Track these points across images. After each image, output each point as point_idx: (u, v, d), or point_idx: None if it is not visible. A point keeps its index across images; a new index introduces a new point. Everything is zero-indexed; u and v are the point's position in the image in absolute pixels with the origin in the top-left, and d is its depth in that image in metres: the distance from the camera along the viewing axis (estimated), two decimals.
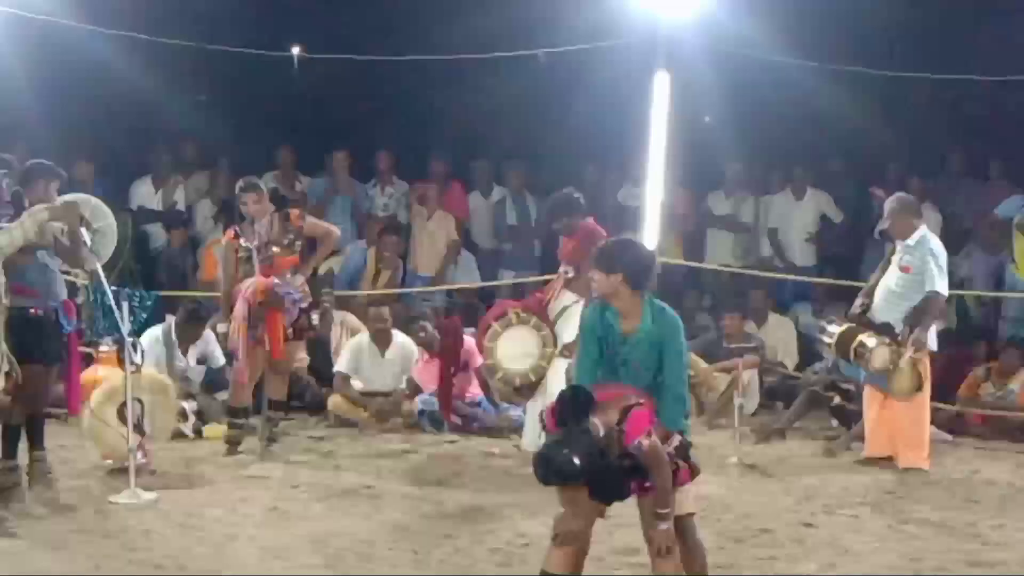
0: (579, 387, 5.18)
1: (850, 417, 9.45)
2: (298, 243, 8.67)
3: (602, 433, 4.94)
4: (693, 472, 5.30)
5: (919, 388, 8.48)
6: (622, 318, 5.37)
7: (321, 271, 10.57)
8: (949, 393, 9.96)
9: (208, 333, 9.66)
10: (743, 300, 11.17)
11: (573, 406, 5.01)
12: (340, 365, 10.04)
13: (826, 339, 8.81)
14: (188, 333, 9.68)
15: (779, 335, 11.29)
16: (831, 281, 11.66)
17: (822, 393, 9.75)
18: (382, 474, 8.16)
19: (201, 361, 9.80)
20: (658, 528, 5.12)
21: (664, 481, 5.07)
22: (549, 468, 4.90)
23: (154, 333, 9.63)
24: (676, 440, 5.21)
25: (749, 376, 9.59)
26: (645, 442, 4.98)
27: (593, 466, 4.88)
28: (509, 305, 8.75)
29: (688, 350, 9.93)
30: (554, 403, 5.18)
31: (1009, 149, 12.01)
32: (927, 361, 8.55)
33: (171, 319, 9.80)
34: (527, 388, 8.57)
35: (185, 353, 9.72)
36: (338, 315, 10.56)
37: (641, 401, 5.11)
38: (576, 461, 4.82)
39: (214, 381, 9.80)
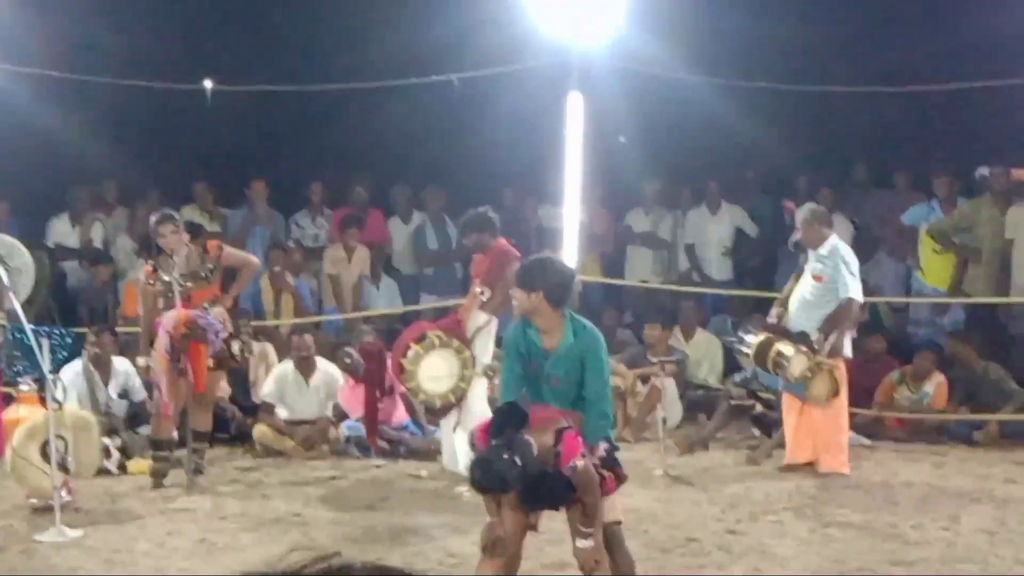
0: (513, 403, 5.25)
1: (770, 425, 9.60)
2: (216, 273, 8.66)
3: (536, 450, 5.01)
4: (619, 480, 5.39)
5: (836, 393, 8.65)
6: (544, 335, 5.46)
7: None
8: (866, 398, 10.16)
9: (128, 367, 9.57)
10: (665, 313, 11.26)
11: (510, 418, 5.07)
12: (265, 394, 10.00)
13: (744, 349, 8.96)
14: (101, 359, 9.56)
15: (705, 350, 11.41)
16: (748, 293, 11.82)
17: (743, 403, 9.88)
18: (310, 501, 8.15)
19: (123, 395, 9.70)
20: (581, 545, 5.19)
21: (593, 500, 5.14)
22: (488, 472, 4.94)
23: (75, 368, 9.52)
24: (602, 448, 5.29)
25: (663, 385, 9.67)
26: (580, 463, 5.06)
27: (531, 469, 4.94)
28: (426, 327, 8.72)
29: (615, 362, 10.10)
30: (486, 423, 5.25)
31: (911, 159, 12.30)
32: (843, 367, 8.74)
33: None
34: (446, 409, 8.60)
35: (106, 383, 9.60)
36: (257, 346, 10.51)
37: (571, 424, 5.18)
38: (517, 461, 4.87)
39: (137, 415, 9.71)
